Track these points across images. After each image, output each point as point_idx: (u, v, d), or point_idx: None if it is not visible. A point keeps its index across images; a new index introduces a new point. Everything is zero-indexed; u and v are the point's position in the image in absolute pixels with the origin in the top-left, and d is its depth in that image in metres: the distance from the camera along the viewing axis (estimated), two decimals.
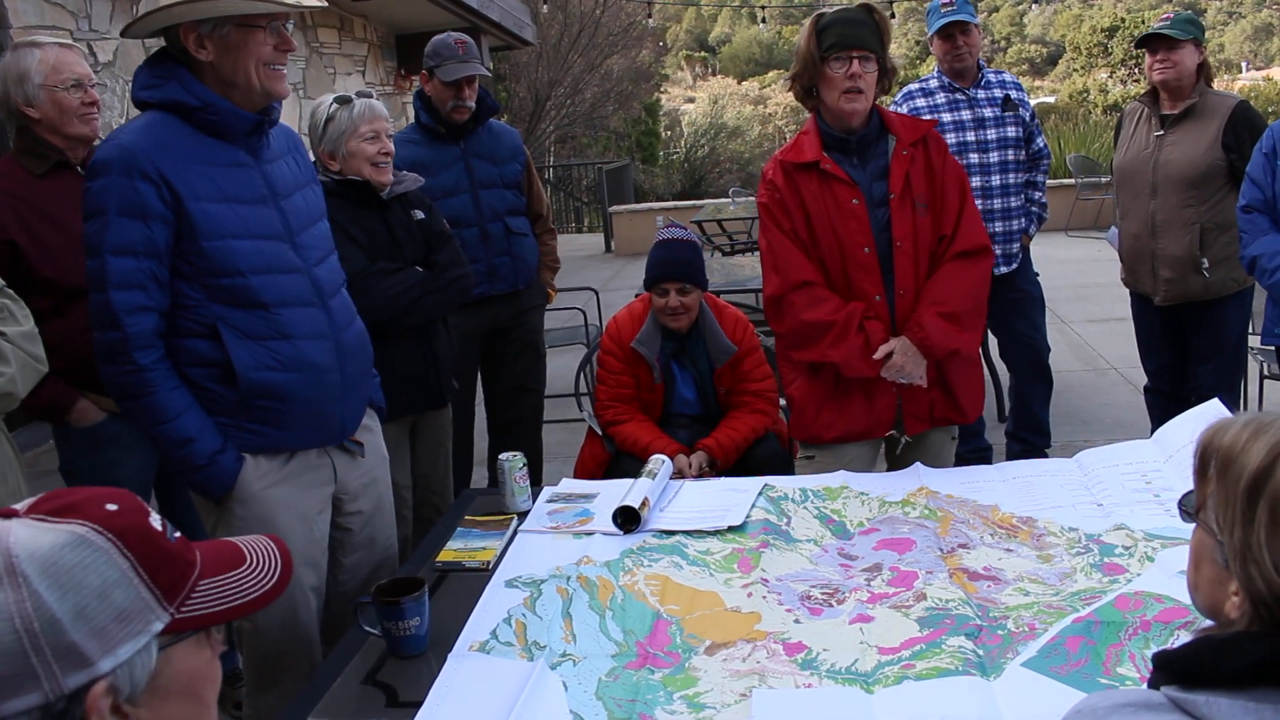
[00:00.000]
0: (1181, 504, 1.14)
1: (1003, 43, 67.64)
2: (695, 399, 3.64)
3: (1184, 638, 1.81)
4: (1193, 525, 1.14)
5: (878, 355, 2.81)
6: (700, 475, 3.30)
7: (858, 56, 2.74)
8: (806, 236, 2.88)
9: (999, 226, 4.44)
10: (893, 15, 15.42)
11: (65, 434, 3.01)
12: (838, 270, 2.87)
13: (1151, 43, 4.05)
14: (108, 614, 0.97)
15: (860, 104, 2.80)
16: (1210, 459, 1.08)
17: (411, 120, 4.16)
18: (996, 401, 5.55)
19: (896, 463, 3.02)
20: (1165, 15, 4.13)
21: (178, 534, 1.10)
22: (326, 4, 2.42)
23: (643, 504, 2.55)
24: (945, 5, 4.41)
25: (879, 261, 2.85)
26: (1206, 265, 4.03)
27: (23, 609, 0.93)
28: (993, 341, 5.08)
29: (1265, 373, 4.73)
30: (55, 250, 2.86)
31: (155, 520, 1.07)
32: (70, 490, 1.06)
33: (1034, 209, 4.68)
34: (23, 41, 2.97)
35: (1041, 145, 4.67)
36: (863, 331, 2.83)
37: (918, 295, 2.88)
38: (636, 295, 3.79)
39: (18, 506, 1.02)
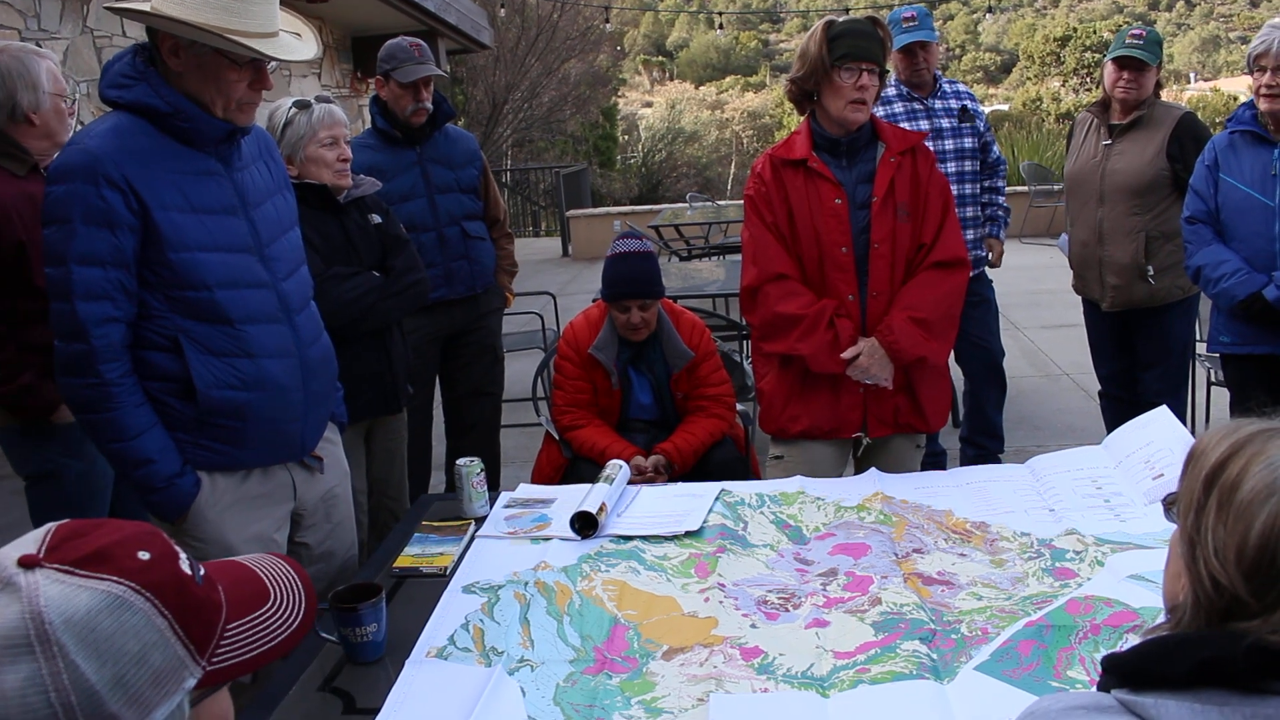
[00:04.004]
0: (1165, 499, 1.18)
1: (957, 50, 68.45)
2: (652, 404, 3.64)
3: (1132, 641, 1.85)
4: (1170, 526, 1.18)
5: (845, 355, 2.86)
6: (657, 477, 3.31)
7: (866, 69, 2.81)
8: (787, 231, 2.93)
9: None
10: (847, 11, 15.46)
11: (50, 433, 2.95)
12: (814, 267, 2.92)
13: (1123, 61, 4.11)
14: (145, 679, 0.92)
15: (863, 114, 2.87)
16: (1190, 457, 1.12)
17: (368, 124, 4.14)
18: (951, 406, 5.59)
19: (860, 466, 3.05)
20: (1136, 31, 4.18)
21: (203, 571, 1.04)
22: (315, 56, 2.31)
23: (600, 509, 2.55)
24: (907, 20, 4.44)
25: (855, 262, 2.91)
26: (1151, 272, 4.12)
27: (58, 681, 0.87)
28: None
29: (1211, 379, 4.82)
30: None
31: (185, 563, 1.01)
32: (91, 528, 0.97)
33: (1000, 213, 4.77)
34: (19, 46, 2.91)
35: (998, 154, 4.76)
36: (832, 328, 2.88)
37: (891, 299, 2.93)
38: (594, 300, 3.79)
39: (33, 548, 0.93)
